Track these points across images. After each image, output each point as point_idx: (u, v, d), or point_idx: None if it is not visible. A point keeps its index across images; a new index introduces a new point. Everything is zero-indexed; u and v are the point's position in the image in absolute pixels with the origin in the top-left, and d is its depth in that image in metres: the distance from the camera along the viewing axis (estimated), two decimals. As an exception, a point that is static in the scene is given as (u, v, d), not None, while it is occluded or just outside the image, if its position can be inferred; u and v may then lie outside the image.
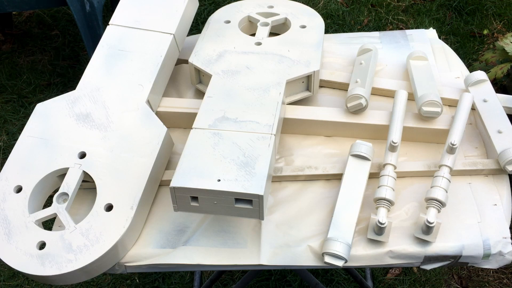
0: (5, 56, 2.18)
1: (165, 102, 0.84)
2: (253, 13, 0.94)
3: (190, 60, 0.84)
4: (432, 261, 0.69)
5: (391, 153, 0.73)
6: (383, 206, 0.68)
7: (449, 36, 2.15)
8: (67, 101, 0.78)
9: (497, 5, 2.26)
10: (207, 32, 0.89)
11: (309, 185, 0.76)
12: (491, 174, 0.75)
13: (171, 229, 0.72)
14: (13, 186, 0.70)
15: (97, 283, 1.49)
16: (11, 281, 1.50)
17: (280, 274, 1.47)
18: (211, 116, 0.72)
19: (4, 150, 1.82)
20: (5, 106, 1.97)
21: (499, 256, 0.69)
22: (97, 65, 0.82)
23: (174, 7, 0.88)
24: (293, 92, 0.83)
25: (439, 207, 0.68)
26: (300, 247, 0.69)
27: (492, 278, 1.47)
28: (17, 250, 0.65)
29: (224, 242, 0.70)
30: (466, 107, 0.78)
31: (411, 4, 2.31)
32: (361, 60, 0.88)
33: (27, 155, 0.73)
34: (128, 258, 0.69)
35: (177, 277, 1.49)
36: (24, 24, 2.33)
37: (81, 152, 0.73)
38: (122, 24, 0.86)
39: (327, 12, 2.26)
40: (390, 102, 0.82)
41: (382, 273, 1.49)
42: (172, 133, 0.79)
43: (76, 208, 0.73)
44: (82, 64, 2.12)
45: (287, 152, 0.80)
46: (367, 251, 0.68)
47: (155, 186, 0.74)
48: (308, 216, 0.72)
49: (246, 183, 0.62)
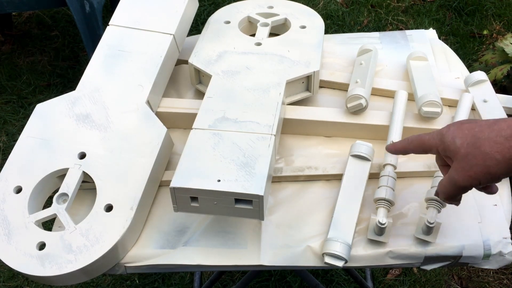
0: (5, 57, 2.18)
1: (165, 102, 0.84)
2: (253, 13, 0.94)
3: (190, 61, 0.84)
4: (432, 261, 0.69)
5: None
6: (383, 206, 0.68)
7: (449, 36, 2.15)
8: (67, 102, 0.78)
9: (496, 5, 2.26)
10: (207, 33, 0.89)
11: (309, 185, 0.76)
12: (491, 175, 0.75)
13: (171, 230, 0.72)
14: (13, 187, 0.70)
15: (97, 283, 1.49)
16: (11, 282, 1.50)
17: (280, 275, 1.47)
18: (211, 117, 0.72)
19: (3, 151, 1.82)
20: (4, 107, 1.97)
21: (499, 256, 0.69)
22: (97, 66, 0.82)
23: (174, 8, 0.88)
24: (293, 93, 0.83)
25: (439, 207, 0.67)
26: (300, 248, 0.69)
27: (492, 278, 1.46)
28: (17, 250, 0.65)
29: (224, 242, 0.70)
30: (466, 107, 0.78)
31: (411, 4, 2.31)
32: (361, 60, 0.88)
33: (27, 155, 0.73)
34: (128, 259, 0.69)
35: (177, 277, 1.49)
36: (23, 25, 2.33)
37: (81, 152, 0.73)
38: (122, 25, 0.86)
39: (327, 12, 2.26)
40: (390, 103, 0.82)
41: (382, 274, 1.49)
42: (172, 133, 0.79)
43: (76, 208, 0.73)
44: (81, 65, 2.12)
45: (287, 153, 0.80)
46: (367, 251, 0.68)
47: (155, 186, 0.74)
48: (308, 216, 0.72)
49: (246, 184, 0.62)
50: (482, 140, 0.52)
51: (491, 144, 0.51)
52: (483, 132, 0.52)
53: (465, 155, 0.53)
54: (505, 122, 0.52)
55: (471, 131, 0.54)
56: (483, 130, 0.53)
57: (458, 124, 0.56)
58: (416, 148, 0.61)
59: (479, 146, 0.52)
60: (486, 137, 0.52)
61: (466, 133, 0.54)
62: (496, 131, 0.52)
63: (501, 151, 0.51)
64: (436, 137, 0.58)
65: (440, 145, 0.57)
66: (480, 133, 0.53)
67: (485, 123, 0.54)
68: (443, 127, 0.58)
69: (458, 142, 0.54)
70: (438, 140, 0.57)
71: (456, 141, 0.54)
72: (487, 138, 0.52)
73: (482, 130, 0.53)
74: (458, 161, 0.54)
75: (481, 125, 0.54)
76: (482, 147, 0.52)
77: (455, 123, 0.57)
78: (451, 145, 0.55)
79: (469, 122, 0.56)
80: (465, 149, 0.53)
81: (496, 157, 0.51)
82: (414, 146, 0.61)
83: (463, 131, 0.54)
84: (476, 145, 0.52)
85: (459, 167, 0.54)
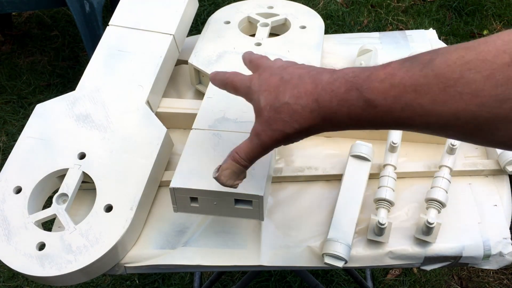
0: (5, 57, 2.18)
1: (164, 102, 0.84)
2: (253, 13, 0.94)
3: (190, 61, 0.84)
4: (432, 261, 0.69)
5: (391, 153, 0.73)
6: (383, 206, 0.68)
7: (449, 36, 2.15)
8: (67, 102, 0.78)
9: (497, 5, 2.26)
10: (207, 33, 0.89)
11: (309, 186, 0.76)
12: (491, 175, 0.75)
13: (171, 230, 0.72)
14: (12, 187, 0.70)
15: (97, 284, 1.49)
16: (10, 282, 1.50)
17: (280, 275, 1.47)
18: (211, 117, 0.72)
19: (3, 151, 1.82)
20: (4, 107, 1.97)
21: (499, 256, 0.69)
22: (96, 66, 0.82)
23: (174, 8, 0.88)
24: (293, 93, 0.83)
25: (439, 207, 0.67)
26: (300, 248, 0.69)
27: (492, 278, 1.46)
28: (17, 251, 0.65)
29: (224, 243, 0.70)
30: (466, 107, 0.77)
31: (411, 4, 2.31)
32: (361, 60, 0.88)
33: (27, 156, 0.73)
34: (127, 259, 0.69)
35: (177, 278, 1.49)
36: (23, 25, 2.33)
37: (80, 153, 0.72)
38: (122, 25, 0.86)
39: (327, 12, 2.26)
40: (390, 103, 0.82)
41: (382, 274, 1.49)
42: (172, 133, 0.79)
43: (76, 209, 0.73)
44: (81, 65, 2.12)
45: (287, 153, 0.80)
46: (367, 251, 0.68)
47: (155, 187, 0.74)
48: (308, 216, 0.72)
49: (246, 184, 0.62)
50: (282, 106, 0.51)
51: (290, 113, 0.50)
52: (284, 95, 0.51)
53: (267, 119, 0.52)
54: (304, 85, 0.50)
55: (276, 90, 0.52)
56: (285, 91, 0.51)
57: (267, 75, 0.54)
58: (230, 89, 0.59)
59: (280, 112, 0.51)
60: (286, 102, 0.50)
61: (272, 92, 0.52)
62: (295, 97, 0.50)
63: (298, 120, 0.50)
64: (244, 84, 0.56)
65: (246, 96, 0.56)
66: (282, 95, 0.51)
67: (292, 80, 0.52)
68: (254, 74, 0.56)
69: (262, 102, 0.52)
70: (246, 87, 0.56)
71: (261, 100, 0.53)
72: (286, 103, 0.50)
73: (285, 90, 0.51)
74: (260, 122, 0.53)
75: (285, 83, 0.52)
76: (282, 114, 0.51)
77: (267, 68, 0.55)
78: (256, 103, 0.53)
79: (278, 73, 0.53)
80: (268, 112, 0.51)
81: (294, 126, 0.50)
82: (229, 85, 0.59)
83: (269, 88, 0.53)
84: (277, 111, 0.51)
85: (262, 129, 0.52)
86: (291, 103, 0.50)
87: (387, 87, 0.44)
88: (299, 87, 0.50)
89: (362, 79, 0.46)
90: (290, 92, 0.50)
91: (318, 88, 0.49)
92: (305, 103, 0.49)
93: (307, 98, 0.49)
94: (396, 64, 0.45)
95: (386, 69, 0.45)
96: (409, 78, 0.43)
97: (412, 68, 0.44)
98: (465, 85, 0.41)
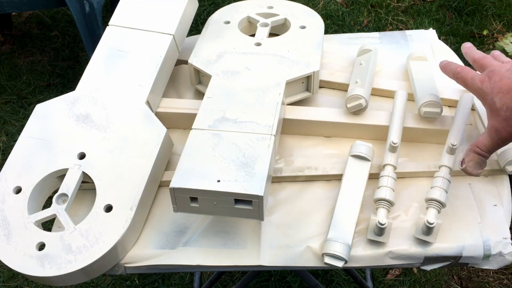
0: (5, 57, 2.18)
1: (164, 102, 0.84)
2: (252, 13, 0.94)
3: (189, 61, 0.84)
4: (432, 261, 0.69)
5: (391, 153, 0.73)
6: (383, 206, 0.68)
7: (449, 36, 2.15)
8: (67, 102, 0.78)
9: (496, 5, 2.26)
10: (207, 33, 0.89)
11: (309, 185, 0.76)
12: (491, 175, 0.75)
13: (171, 230, 0.72)
14: (12, 187, 0.70)
15: (97, 284, 1.49)
16: (10, 282, 1.50)
17: (280, 275, 1.47)
18: (211, 117, 0.72)
19: (3, 151, 1.82)
20: (4, 107, 1.97)
21: (499, 256, 0.69)
22: (96, 66, 0.82)
23: (174, 8, 0.88)
24: (293, 93, 0.83)
25: (439, 207, 0.67)
26: (300, 248, 0.69)
27: (492, 278, 1.46)
28: (17, 251, 0.65)
29: (224, 243, 0.70)
30: (466, 107, 0.78)
31: (411, 4, 2.31)
32: (361, 60, 0.88)
33: (27, 156, 0.73)
34: (127, 259, 0.69)
35: (177, 278, 1.49)
36: (23, 25, 2.33)
37: (80, 153, 0.72)
38: (122, 25, 0.86)
39: (326, 12, 2.26)
40: (390, 103, 0.82)
41: (382, 274, 1.49)
42: (172, 133, 0.79)
43: (76, 209, 0.73)
44: (81, 65, 2.12)
45: (286, 153, 0.80)
46: (367, 251, 0.68)
47: (155, 187, 0.74)
48: (308, 216, 0.72)
49: (246, 184, 0.62)
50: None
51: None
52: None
53: (506, 118, 0.59)
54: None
55: (510, 92, 0.58)
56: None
57: (497, 78, 0.60)
58: (460, 82, 0.68)
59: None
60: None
61: (505, 94, 0.58)
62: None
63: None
64: (476, 85, 0.63)
65: (478, 95, 0.63)
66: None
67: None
68: (483, 75, 0.63)
69: (498, 103, 0.59)
70: (477, 88, 0.63)
71: (496, 102, 0.59)
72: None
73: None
74: (498, 121, 0.60)
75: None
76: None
77: (495, 72, 0.61)
78: (490, 103, 0.60)
79: (508, 77, 0.60)
80: (505, 112, 0.59)
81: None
82: (459, 80, 0.68)
83: (502, 91, 0.59)
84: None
85: (502, 126, 0.60)
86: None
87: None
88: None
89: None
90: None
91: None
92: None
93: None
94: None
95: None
96: None
97: None
98: None
